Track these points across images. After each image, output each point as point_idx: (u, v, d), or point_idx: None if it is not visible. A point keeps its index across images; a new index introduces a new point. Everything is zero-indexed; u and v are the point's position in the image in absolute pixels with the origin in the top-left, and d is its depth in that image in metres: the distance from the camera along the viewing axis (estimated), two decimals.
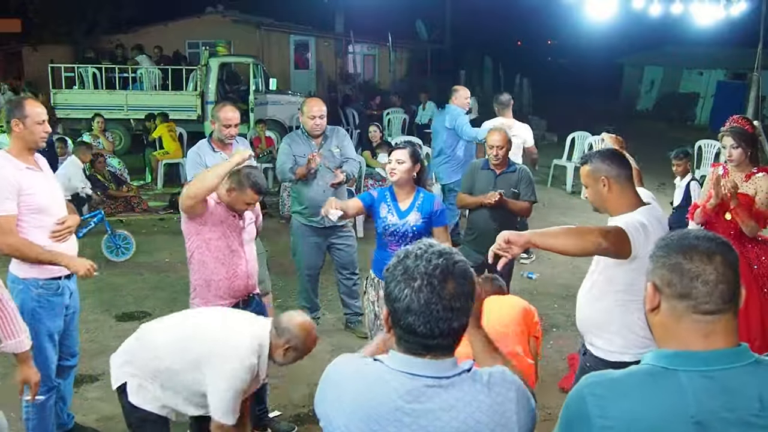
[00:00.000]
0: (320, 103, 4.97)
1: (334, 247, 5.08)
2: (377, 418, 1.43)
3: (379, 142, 8.94)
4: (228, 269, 3.41)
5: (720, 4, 10.76)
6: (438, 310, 1.41)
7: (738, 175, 3.90)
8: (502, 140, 4.64)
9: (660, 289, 1.42)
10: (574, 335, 5.18)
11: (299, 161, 4.84)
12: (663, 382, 1.35)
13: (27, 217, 3.16)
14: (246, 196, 3.33)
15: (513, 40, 28.65)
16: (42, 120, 3.23)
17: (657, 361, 1.39)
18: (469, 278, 1.47)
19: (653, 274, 1.44)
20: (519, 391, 1.50)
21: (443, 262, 1.44)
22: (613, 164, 2.64)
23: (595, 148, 9.62)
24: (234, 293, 3.46)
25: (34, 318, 3.18)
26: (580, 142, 10.56)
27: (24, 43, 18.62)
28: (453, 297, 1.42)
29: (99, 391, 4.29)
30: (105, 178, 8.80)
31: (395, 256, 1.51)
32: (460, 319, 1.44)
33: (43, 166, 3.36)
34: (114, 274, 6.54)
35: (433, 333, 1.43)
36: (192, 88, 13.32)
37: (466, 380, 1.46)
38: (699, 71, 19.83)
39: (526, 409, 1.50)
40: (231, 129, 4.41)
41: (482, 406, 1.43)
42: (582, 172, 2.75)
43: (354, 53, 21.47)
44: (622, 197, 2.63)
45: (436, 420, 1.41)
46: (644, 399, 1.34)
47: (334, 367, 1.58)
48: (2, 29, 16.76)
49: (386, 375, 1.46)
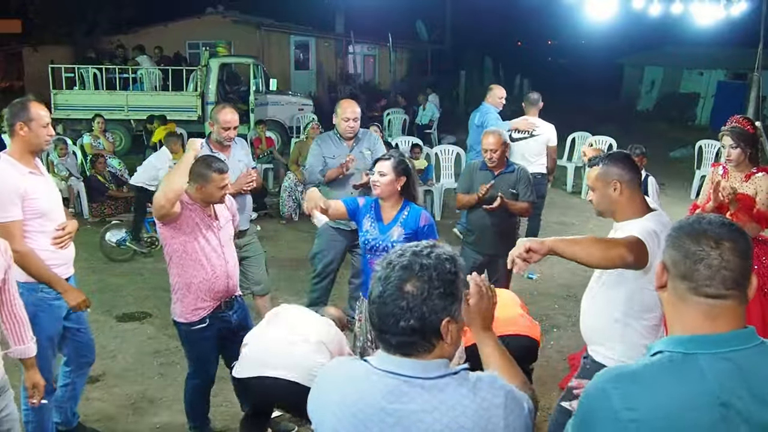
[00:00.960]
0: (354, 105, 4.94)
1: (356, 252, 4.99)
2: (363, 419, 1.43)
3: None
4: (207, 271, 3.38)
5: (720, 4, 10.76)
6: (387, 303, 1.42)
7: (737, 175, 3.90)
8: (497, 143, 4.59)
9: (667, 269, 1.46)
10: (574, 335, 5.18)
11: (329, 162, 4.80)
12: (684, 367, 1.36)
13: (30, 222, 3.15)
14: (215, 181, 3.31)
15: (513, 40, 28.67)
16: (46, 123, 3.20)
17: (673, 347, 1.40)
18: (436, 284, 1.42)
19: (665, 253, 1.48)
20: (508, 397, 1.46)
21: (410, 260, 1.44)
22: (626, 168, 2.56)
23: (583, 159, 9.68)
24: (215, 295, 3.44)
25: (33, 322, 3.18)
26: (580, 142, 10.56)
27: (24, 44, 18.65)
28: (405, 295, 1.41)
29: (99, 391, 4.30)
30: (105, 178, 8.79)
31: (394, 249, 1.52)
32: (410, 320, 1.41)
33: (42, 170, 3.34)
34: (114, 274, 6.54)
35: (383, 326, 1.44)
36: (192, 88, 13.32)
37: (450, 383, 1.43)
38: (699, 71, 19.82)
39: (516, 414, 1.45)
40: (230, 131, 4.40)
41: (467, 411, 1.40)
42: (591, 175, 2.65)
43: (354, 54, 21.49)
44: (632, 203, 2.57)
45: (418, 422, 1.39)
46: (669, 387, 1.35)
47: (327, 369, 1.61)
48: (2, 30, 16.78)
49: (372, 375, 1.46)
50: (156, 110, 11.97)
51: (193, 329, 3.43)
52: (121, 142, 12.81)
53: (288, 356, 3.13)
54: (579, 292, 5.94)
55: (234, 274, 3.55)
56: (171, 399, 4.22)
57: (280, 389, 3.10)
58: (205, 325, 3.43)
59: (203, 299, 3.41)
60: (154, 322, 5.42)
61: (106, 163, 9.00)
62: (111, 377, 4.50)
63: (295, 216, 8.33)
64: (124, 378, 4.50)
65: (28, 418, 3.33)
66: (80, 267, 6.57)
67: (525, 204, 4.65)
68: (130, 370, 4.62)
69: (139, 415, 4.06)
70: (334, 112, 4.99)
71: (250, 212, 4.78)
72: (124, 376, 4.53)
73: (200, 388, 3.65)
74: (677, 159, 13.33)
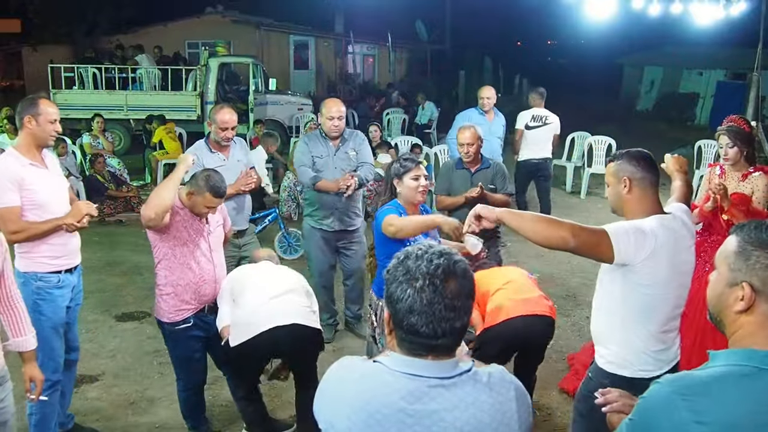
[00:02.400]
0: (339, 103, 4.84)
1: (342, 252, 5.02)
2: (380, 420, 1.42)
3: (378, 142, 8.93)
4: (195, 274, 3.39)
5: (719, 4, 10.75)
6: (441, 310, 1.41)
7: (735, 175, 3.90)
8: (472, 137, 4.60)
9: (758, 290, 1.39)
10: (574, 335, 5.19)
11: (317, 162, 4.77)
12: (759, 383, 1.32)
13: (27, 213, 3.23)
14: (205, 199, 3.30)
15: (513, 40, 28.66)
16: (54, 119, 3.34)
17: (747, 361, 1.35)
18: (469, 277, 1.47)
19: (749, 273, 1.40)
20: (518, 390, 1.51)
21: (444, 262, 1.44)
22: (640, 166, 2.49)
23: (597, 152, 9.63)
24: (200, 298, 3.45)
25: (36, 311, 3.24)
26: (579, 142, 10.56)
27: (24, 44, 18.66)
28: (455, 296, 1.42)
29: (99, 391, 4.30)
30: (104, 178, 8.80)
31: (395, 257, 1.50)
32: (462, 318, 1.44)
33: (49, 164, 3.41)
34: (113, 274, 6.54)
35: (436, 333, 1.42)
36: (191, 88, 13.32)
37: (467, 381, 1.45)
38: (699, 71, 19.81)
39: (525, 407, 1.51)
40: (228, 132, 4.39)
41: (484, 406, 1.43)
42: (607, 170, 2.62)
43: (354, 53, 21.49)
44: (641, 202, 2.49)
45: (440, 421, 1.41)
46: (743, 402, 1.30)
47: (335, 370, 1.57)
48: (2, 29, 16.80)
49: (388, 377, 1.45)
50: (155, 110, 11.98)
51: (176, 329, 3.44)
52: (121, 141, 12.81)
53: (279, 308, 3.31)
54: (578, 292, 6.01)
55: (221, 279, 3.55)
56: (170, 398, 4.21)
57: (283, 336, 3.26)
58: (189, 325, 3.44)
59: (188, 301, 3.42)
60: (153, 321, 5.34)
61: (105, 163, 9.02)
62: (110, 377, 4.50)
63: (294, 215, 8.33)
64: (123, 377, 4.50)
65: (32, 410, 3.35)
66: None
67: (504, 196, 4.64)
68: (130, 369, 4.62)
69: (139, 414, 4.07)
70: (319, 110, 4.95)
71: (249, 212, 4.78)
72: (123, 375, 4.53)
73: (186, 393, 3.66)
74: None
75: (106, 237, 7.70)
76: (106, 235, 7.81)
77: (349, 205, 4.85)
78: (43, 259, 3.32)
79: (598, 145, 10.08)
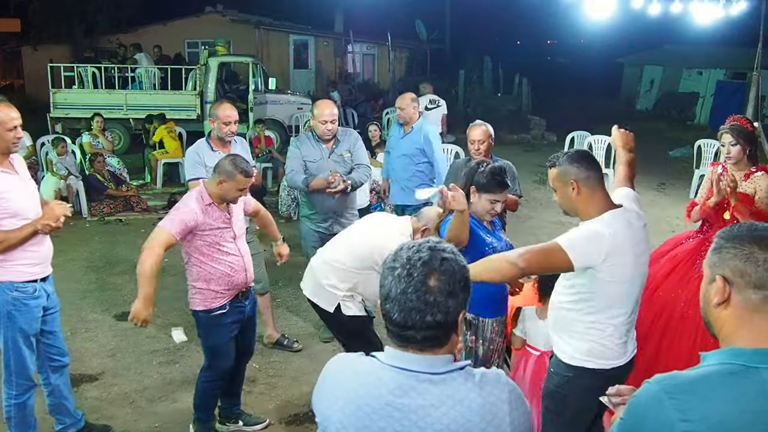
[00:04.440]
0: (332, 106, 4.79)
1: None
2: (368, 413, 1.43)
3: (378, 141, 8.91)
4: (225, 266, 3.44)
5: (719, 3, 10.75)
6: (412, 300, 1.41)
7: (737, 174, 3.89)
8: (483, 134, 4.55)
9: (731, 281, 1.39)
10: None
11: (309, 166, 4.73)
12: (746, 381, 1.31)
13: (2, 222, 3.13)
14: (237, 182, 3.35)
15: (512, 40, 28.65)
16: (13, 126, 3.17)
17: (734, 359, 1.34)
18: (458, 278, 1.44)
19: (721, 266, 1.41)
20: (513, 393, 1.48)
21: (428, 255, 1.44)
22: (582, 166, 2.51)
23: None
24: (234, 286, 3.51)
25: (9, 320, 3.21)
26: (579, 141, 10.56)
27: (24, 43, 18.64)
28: (430, 290, 1.41)
29: (99, 391, 4.30)
30: (104, 177, 8.80)
31: (398, 247, 1.52)
32: (436, 315, 1.41)
33: (18, 168, 3.31)
34: (113, 273, 6.53)
35: (406, 323, 1.42)
36: (191, 87, 13.31)
37: (457, 378, 1.44)
38: (699, 71, 19.81)
39: (521, 411, 1.47)
40: (231, 126, 4.39)
41: (473, 405, 1.41)
42: (550, 175, 2.61)
43: (353, 53, 21.48)
44: (592, 201, 2.51)
45: (426, 416, 1.40)
46: (729, 400, 1.30)
47: (331, 364, 1.60)
48: (2, 29, 16.79)
49: (378, 370, 1.47)
50: (155, 109, 11.96)
51: (212, 315, 3.47)
52: (120, 141, 12.79)
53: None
54: None
55: (250, 266, 3.60)
56: (170, 398, 4.22)
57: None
58: (225, 311, 3.49)
59: (222, 292, 3.47)
60: (153, 321, 5.33)
61: (105, 162, 9.01)
62: (110, 376, 4.50)
63: (293, 215, 8.32)
64: (123, 377, 4.50)
65: (10, 414, 3.35)
66: (80, 265, 6.63)
67: (513, 197, 4.60)
68: (130, 368, 4.61)
69: (138, 414, 4.06)
70: (311, 112, 4.88)
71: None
72: (123, 374, 4.53)
73: (213, 383, 3.64)
74: (676, 158, 13.34)
75: (106, 236, 7.69)
76: (106, 234, 7.80)
77: (345, 207, 4.84)
78: (20, 267, 3.22)
79: (598, 144, 10.08)
